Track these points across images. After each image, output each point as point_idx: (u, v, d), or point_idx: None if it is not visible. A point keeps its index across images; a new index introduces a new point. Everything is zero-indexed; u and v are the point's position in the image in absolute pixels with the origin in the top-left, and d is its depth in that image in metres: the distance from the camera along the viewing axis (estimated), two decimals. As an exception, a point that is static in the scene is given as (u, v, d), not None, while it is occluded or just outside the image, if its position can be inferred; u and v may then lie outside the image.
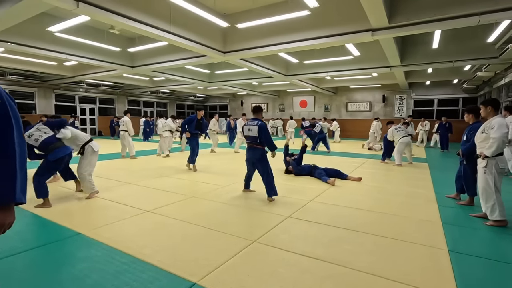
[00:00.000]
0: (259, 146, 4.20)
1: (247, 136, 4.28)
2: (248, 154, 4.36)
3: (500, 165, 3.22)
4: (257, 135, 4.14)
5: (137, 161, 8.15)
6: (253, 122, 4.22)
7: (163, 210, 3.70)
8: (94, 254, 2.49)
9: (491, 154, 3.18)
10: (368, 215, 3.64)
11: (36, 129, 3.92)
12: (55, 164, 3.87)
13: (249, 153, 4.33)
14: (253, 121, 4.26)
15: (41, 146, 3.80)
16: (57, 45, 8.80)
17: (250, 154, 4.31)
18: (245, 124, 4.34)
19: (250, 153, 4.30)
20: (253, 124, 4.20)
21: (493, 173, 3.22)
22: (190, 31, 7.46)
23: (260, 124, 4.17)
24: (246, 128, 4.28)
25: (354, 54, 9.75)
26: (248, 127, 4.24)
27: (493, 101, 3.46)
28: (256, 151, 4.23)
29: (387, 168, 7.19)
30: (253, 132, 4.18)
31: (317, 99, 20.69)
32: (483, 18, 5.46)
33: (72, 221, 3.28)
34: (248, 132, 4.23)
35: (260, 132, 4.13)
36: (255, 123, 4.19)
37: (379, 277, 2.18)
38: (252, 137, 4.21)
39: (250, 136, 4.23)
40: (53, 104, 16.85)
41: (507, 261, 2.48)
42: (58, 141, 3.98)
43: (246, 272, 2.23)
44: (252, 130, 4.18)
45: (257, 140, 4.16)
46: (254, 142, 4.21)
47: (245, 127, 4.30)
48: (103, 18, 5.72)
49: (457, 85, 16.16)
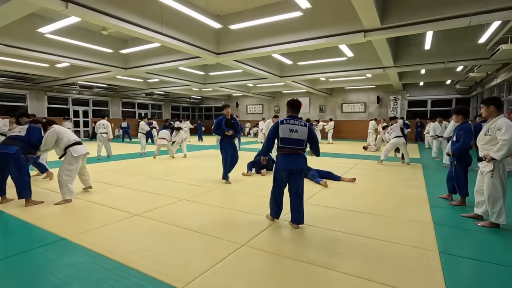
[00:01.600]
0: (302, 152, 3.28)
1: (288, 139, 3.19)
2: (288, 163, 3.21)
3: (507, 168, 3.10)
4: (305, 138, 3.23)
5: (128, 163, 8.05)
6: (298, 122, 3.25)
7: (152, 214, 3.64)
8: (77, 261, 2.42)
9: (501, 157, 2.99)
10: (360, 217, 3.61)
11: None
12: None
13: (292, 161, 3.21)
14: (296, 120, 3.26)
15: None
16: (48, 46, 8.69)
17: (294, 163, 3.21)
18: (283, 122, 3.23)
19: (294, 162, 3.21)
20: (300, 125, 3.23)
21: (500, 177, 3.10)
22: (183, 32, 7.41)
23: (309, 125, 3.33)
24: (286, 129, 3.19)
25: (348, 55, 9.77)
26: (291, 126, 3.20)
27: (495, 99, 3.23)
28: (301, 159, 3.25)
29: (380, 169, 7.19)
30: (300, 134, 3.20)
31: (312, 100, 20.73)
32: (474, 19, 5.49)
33: (57, 226, 3.20)
34: (292, 134, 3.19)
35: (311, 135, 3.28)
36: (302, 123, 3.26)
37: (369, 280, 2.14)
38: (297, 140, 3.20)
39: (294, 140, 3.19)
40: (45, 106, 16.64)
41: (498, 262, 2.46)
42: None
43: (234, 277, 2.18)
44: (300, 132, 3.20)
45: (303, 145, 3.25)
46: (300, 148, 3.23)
47: (285, 126, 3.20)
48: (94, 19, 5.65)
49: (450, 85, 16.30)
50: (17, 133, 4.09)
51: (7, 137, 4.14)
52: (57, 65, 12.12)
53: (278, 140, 3.25)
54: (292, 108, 3.33)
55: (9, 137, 4.10)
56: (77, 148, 4.21)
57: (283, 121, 3.25)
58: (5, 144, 3.97)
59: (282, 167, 3.24)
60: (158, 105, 24.15)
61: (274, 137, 3.27)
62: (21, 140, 4.02)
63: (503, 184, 3.13)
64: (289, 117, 3.32)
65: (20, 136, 4.05)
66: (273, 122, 9.44)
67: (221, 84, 15.63)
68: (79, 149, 4.24)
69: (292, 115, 3.32)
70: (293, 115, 3.33)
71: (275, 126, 3.26)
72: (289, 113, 3.36)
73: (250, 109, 23.60)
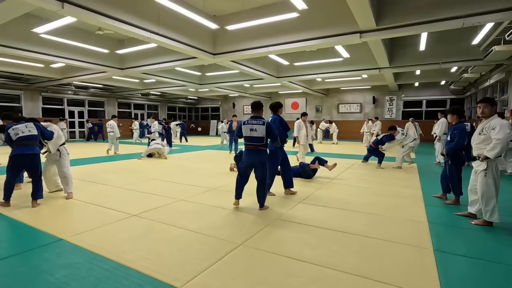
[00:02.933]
0: (263, 148, 3.75)
1: (249, 137, 3.71)
2: (250, 157, 3.75)
3: (500, 167, 3.16)
4: (264, 135, 3.65)
5: (126, 164, 8.03)
6: (257, 121, 3.69)
7: (150, 214, 3.64)
8: (75, 261, 2.42)
9: (494, 155, 3.05)
10: (356, 216, 3.65)
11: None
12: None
13: (254, 156, 3.73)
14: (255, 119, 3.71)
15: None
16: (43, 46, 8.64)
17: (256, 157, 3.73)
18: (245, 123, 3.76)
19: (256, 156, 3.73)
20: (258, 123, 3.67)
21: (493, 176, 3.16)
22: (180, 32, 7.41)
23: (268, 123, 3.70)
24: (246, 128, 3.71)
25: (344, 56, 9.85)
26: (250, 126, 3.69)
27: (490, 100, 3.32)
28: (261, 154, 3.74)
29: (376, 169, 7.25)
30: (259, 132, 3.66)
31: (309, 100, 20.82)
32: (467, 20, 5.58)
33: (54, 226, 3.19)
34: (251, 133, 3.68)
35: (269, 132, 3.67)
36: (260, 122, 3.67)
37: (365, 278, 2.17)
38: (256, 138, 3.68)
39: (253, 137, 3.69)
40: (40, 107, 16.51)
41: (491, 260, 2.51)
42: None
43: (231, 276, 2.20)
44: (258, 130, 3.65)
45: (263, 142, 3.69)
46: (260, 144, 3.69)
47: (245, 126, 3.73)
48: (90, 19, 5.64)
49: (445, 86, 16.49)
50: (28, 133, 3.91)
51: (22, 138, 3.87)
52: (52, 65, 12.04)
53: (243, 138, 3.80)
54: (253, 109, 3.84)
55: (24, 137, 3.88)
56: (67, 148, 4.55)
57: (245, 121, 3.76)
58: (26, 145, 3.86)
59: (245, 161, 3.80)
60: (155, 106, 24.07)
61: (239, 135, 3.84)
62: (35, 139, 3.98)
63: (496, 183, 3.18)
64: (251, 117, 3.78)
65: (35, 136, 3.96)
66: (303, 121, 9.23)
67: (217, 85, 15.64)
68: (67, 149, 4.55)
69: (254, 116, 3.79)
70: (254, 115, 3.80)
71: (239, 126, 3.83)
72: (252, 113, 3.85)
73: (246, 109, 23.61)
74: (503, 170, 3.20)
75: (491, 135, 3.12)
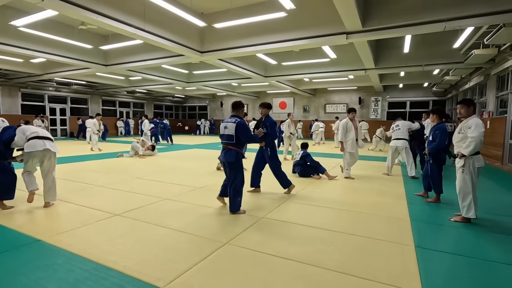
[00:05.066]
0: (234, 147, 3.61)
1: (222, 135, 3.68)
2: (222, 156, 3.72)
3: (477, 164, 3.28)
4: (233, 134, 3.57)
5: (109, 162, 7.83)
6: (231, 119, 3.65)
7: (134, 214, 3.56)
8: (53, 262, 2.33)
9: (469, 153, 3.21)
10: (341, 214, 3.70)
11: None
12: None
13: (224, 155, 3.67)
14: (231, 118, 3.69)
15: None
16: (22, 40, 8.30)
17: (225, 156, 3.65)
18: (222, 121, 3.76)
19: (225, 155, 3.65)
20: (231, 121, 3.62)
21: (470, 173, 3.28)
22: (166, 29, 7.29)
23: (239, 122, 3.60)
24: (222, 126, 3.70)
25: (331, 56, 9.97)
26: (225, 124, 3.66)
27: (469, 101, 3.49)
28: (230, 153, 3.61)
29: (361, 168, 7.37)
30: (229, 130, 3.59)
31: (296, 100, 20.97)
32: (449, 24, 5.75)
33: (31, 227, 3.07)
34: (224, 131, 3.64)
35: (238, 131, 3.56)
36: (233, 120, 3.62)
37: (348, 275, 2.20)
38: (227, 136, 3.62)
39: (225, 135, 3.64)
40: (19, 103, 15.88)
41: (469, 255, 2.60)
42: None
43: (216, 275, 2.18)
44: (229, 128, 3.60)
45: (233, 140, 3.60)
46: (229, 142, 3.63)
47: (222, 124, 3.72)
48: (72, 13, 5.46)
49: (428, 88, 16.98)
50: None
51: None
52: (32, 60, 11.59)
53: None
54: (233, 108, 3.83)
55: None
56: (30, 143, 3.60)
57: (223, 120, 3.79)
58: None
59: (223, 159, 3.73)
60: (141, 104, 23.61)
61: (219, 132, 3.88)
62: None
63: (472, 179, 3.30)
64: (231, 116, 3.76)
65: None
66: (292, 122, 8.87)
67: (205, 83, 15.50)
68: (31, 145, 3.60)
69: (232, 115, 3.77)
70: (233, 114, 3.78)
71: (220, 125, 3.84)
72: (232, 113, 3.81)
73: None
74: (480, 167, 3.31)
75: (467, 134, 3.26)
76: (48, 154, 3.73)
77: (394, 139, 6.35)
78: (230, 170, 3.67)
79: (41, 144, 3.64)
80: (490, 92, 9.52)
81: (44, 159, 3.72)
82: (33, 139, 3.65)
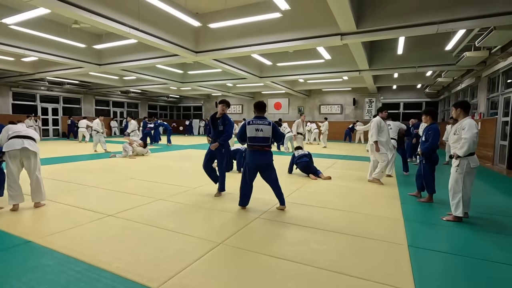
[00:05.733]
0: (269, 148, 3.71)
1: (255, 138, 3.63)
2: (254, 159, 3.66)
3: (471, 165, 3.33)
4: (270, 135, 3.63)
5: (102, 163, 7.75)
6: (263, 121, 3.65)
7: (127, 214, 3.52)
8: (44, 264, 2.29)
9: (463, 153, 3.29)
10: (335, 214, 3.71)
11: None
12: None
13: (257, 157, 3.66)
14: (261, 120, 3.66)
15: None
16: (13, 38, 8.17)
17: (258, 159, 3.66)
18: (249, 123, 3.66)
19: (258, 158, 3.66)
20: (265, 124, 3.63)
21: (463, 172, 3.35)
22: (161, 29, 7.25)
23: (273, 124, 3.70)
24: (252, 128, 3.62)
25: (326, 57, 10.02)
26: (257, 126, 3.62)
27: (463, 103, 3.55)
28: (267, 155, 3.68)
29: (355, 168, 7.43)
30: (265, 132, 3.61)
31: (291, 101, 21.04)
32: (441, 27, 5.84)
33: (21, 228, 3.02)
34: (258, 133, 3.62)
35: (275, 132, 3.66)
36: (266, 122, 3.64)
37: (342, 274, 2.21)
38: (263, 138, 3.63)
39: (259, 138, 3.62)
40: (10, 103, 15.62)
41: (461, 254, 2.63)
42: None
43: (210, 275, 2.17)
44: (265, 130, 3.61)
45: (269, 142, 3.66)
46: (265, 145, 3.64)
47: (250, 126, 3.63)
48: (65, 11, 5.39)
49: (421, 89, 17.19)
50: None
51: None
52: (24, 59, 11.40)
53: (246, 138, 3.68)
54: (258, 109, 3.72)
55: None
56: (9, 142, 3.50)
57: (250, 122, 3.66)
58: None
59: (250, 162, 3.68)
60: (135, 104, 23.43)
61: (243, 135, 3.70)
62: None
63: (465, 180, 3.36)
64: (256, 117, 3.70)
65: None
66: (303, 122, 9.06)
67: (200, 83, 15.45)
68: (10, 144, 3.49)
69: (258, 116, 3.71)
70: (259, 115, 3.71)
71: (243, 127, 3.71)
72: (255, 113, 3.75)
73: (229, 109, 23.49)
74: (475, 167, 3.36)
75: (461, 135, 3.33)
76: (26, 153, 3.58)
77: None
78: (269, 170, 3.72)
79: (19, 142, 3.52)
80: (481, 93, 9.68)
81: (24, 158, 3.58)
82: (13, 138, 3.55)
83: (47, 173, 5.93)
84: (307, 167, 6.18)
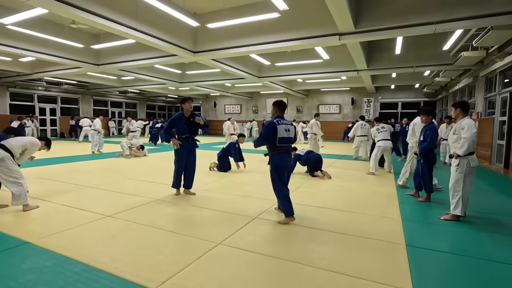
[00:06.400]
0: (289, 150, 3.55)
1: (284, 139, 3.35)
2: (284, 160, 3.40)
3: (471, 164, 3.35)
4: (293, 136, 3.48)
5: (101, 163, 7.72)
6: (288, 122, 3.46)
7: (125, 215, 3.52)
8: (42, 265, 2.28)
9: (463, 153, 3.33)
10: (333, 214, 3.72)
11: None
12: None
13: (286, 159, 3.43)
14: (285, 120, 3.46)
15: None
16: (10, 39, 8.13)
17: (288, 160, 3.46)
18: (278, 123, 3.33)
19: (288, 159, 3.46)
20: (290, 124, 3.46)
21: (463, 172, 3.37)
22: (159, 29, 7.23)
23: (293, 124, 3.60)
24: (281, 128, 3.31)
25: (324, 57, 10.03)
26: (284, 127, 3.35)
27: (462, 103, 3.57)
28: (291, 155, 3.58)
29: (355, 168, 7.44)
30: (291, 133, 3.42)
31: (290, 101, 21.03)
32: (438, 27, 5.86)
33: (19, 229, 3.00)
34: (285, 133, 3.35)
35: (295, 132, 3.56)
36: (290, 123, 3.47)
37: (340, 274, 2.21)
38: (290, 138, 3.43)
39: (288, 138, 3.39)
40: (7, 103, 15.55)
41: (459, 253, 2.65)
42: None
43: (209, 276, 2.17)
44: (291, 131, 3.42)
45: (292, 143, 3.51)
46: (290, 145, 3.48)
47: (280, 126, 3.31)
48: (62, 11, 5.37)
49: (419, 89, 17.24)
50: None
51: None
52: (21, 59, 11.35)
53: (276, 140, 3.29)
54: (281, 108, 3.49)
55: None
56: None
57: (279, 122, 3.34)
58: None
59: (282, 164, 3.38)
60: (133, 104, 23.37)
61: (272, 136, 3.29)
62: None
63: (465, 179, 3.38)
64: (280, 117, 3.44)
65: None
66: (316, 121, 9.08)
67: (198, 83, 15.43)
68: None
69: (281, 116, 3.48)
70: (281, 115, 3.48)
71: (273, 127, 3.29)
72: (276, 113, 3.47)
73: (228, 109, 23.51)
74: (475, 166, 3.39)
75: (461, 135, 3.36)
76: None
77: (382, 140, 6.52)
78: (289, 172, 3.59)
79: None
80: (478, 93, 9.72)
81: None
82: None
83: (46, 174, 5.92)
84: (319, 161, 6.22)
